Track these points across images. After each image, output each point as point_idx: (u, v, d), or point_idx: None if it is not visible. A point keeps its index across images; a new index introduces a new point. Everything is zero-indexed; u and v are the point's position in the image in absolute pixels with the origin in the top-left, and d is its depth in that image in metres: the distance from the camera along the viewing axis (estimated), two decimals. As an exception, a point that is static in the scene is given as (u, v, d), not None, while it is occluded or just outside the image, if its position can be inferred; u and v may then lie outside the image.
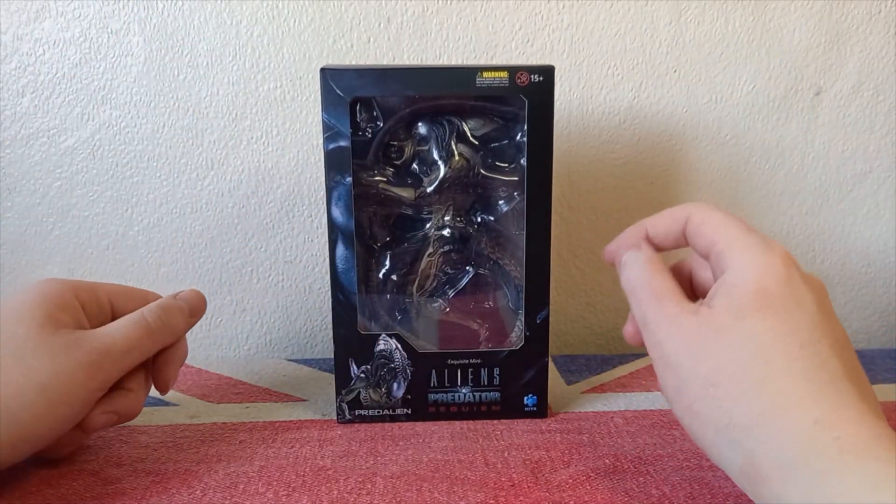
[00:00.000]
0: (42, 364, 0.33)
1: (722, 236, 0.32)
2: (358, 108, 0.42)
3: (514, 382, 0.44)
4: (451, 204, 0.44)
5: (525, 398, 0.44)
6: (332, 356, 0.44)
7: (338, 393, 0.44)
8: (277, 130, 0.56)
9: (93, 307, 0.38)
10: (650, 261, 0.35)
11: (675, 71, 0.57)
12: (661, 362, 0.32)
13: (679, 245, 0.36)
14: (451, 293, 0.46)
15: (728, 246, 0.32)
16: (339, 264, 0.42)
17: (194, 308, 0.41)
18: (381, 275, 0.45)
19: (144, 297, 0.41)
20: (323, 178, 0.46)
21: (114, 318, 0.38)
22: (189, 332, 0.59)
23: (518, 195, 0.44)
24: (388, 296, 0.45)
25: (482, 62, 0.56)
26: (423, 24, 0.55)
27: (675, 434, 0.42)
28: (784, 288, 0.30)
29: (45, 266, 0.58)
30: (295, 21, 0.54)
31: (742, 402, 0.29)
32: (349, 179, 0.41)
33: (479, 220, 0.45)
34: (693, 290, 0.37)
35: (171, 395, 0.41)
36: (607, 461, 0.39)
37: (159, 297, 0.41)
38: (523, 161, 0.42)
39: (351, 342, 0.43)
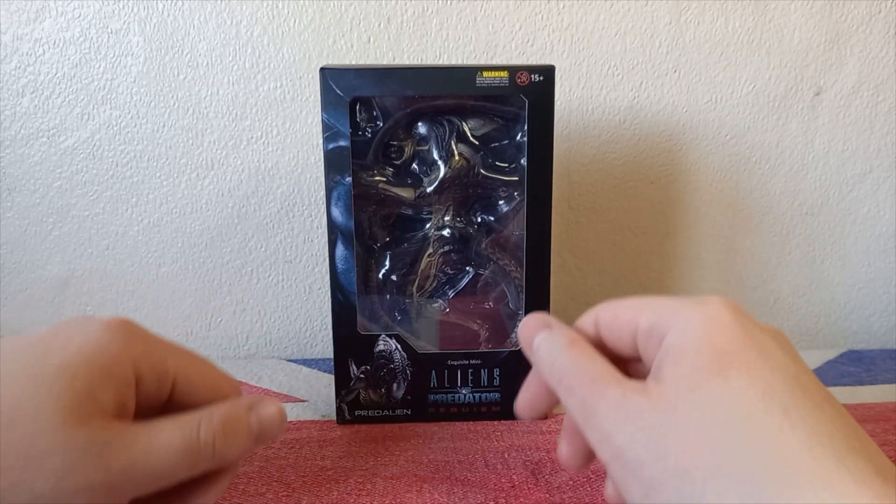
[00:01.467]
0: (48, 473, 0.25)
1: (643, 311, 0.27)
2: (358, 107, 0.42)
3: (515, 383, 0.44)
4: (451, 204, 0.44)
5: (525, 398, 0.44)
6: (332, 356, 0.44)
7: (337, 394, 0.44)
8: (277, 130, 0.56)
9: (150, 383, 0.29)
10: (573, 342, 0.29)
11: (675, 71, 0.57)
12: (617, 464, 0.24)
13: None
14: (451, 293, 0.46)
15: (656, 315, 0.27)
16: (339, 264, 0.42)
17: (266, 433, 0.31)
18: (380, 275, 0.45)
19: (216, 387, 0.31)
20: (323, 178, 0.46)
21: (169, 401, 0.30)
22: (188, 332, 0.60)
23: (518, 195, 0.44)
24: (388, 296, 0.45)
25: (482, 62, 0.56)
26: (423, 24, 0.55)
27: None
28: (740, 340, 0.24)
29: (45, 266, 0.58)
30: (295, 21, 0.54)
31: (731, 497, 0.21)
32: (349, 179, 0.41)
33: (479, 220, 0.45)
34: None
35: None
36: (607, 461, 0.39)
37: (236, 387, 0.32)
38: (523, 161, 0.42)
39: (351, 342, 0.43)
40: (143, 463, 0.27)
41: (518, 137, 0.43)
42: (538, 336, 0.30)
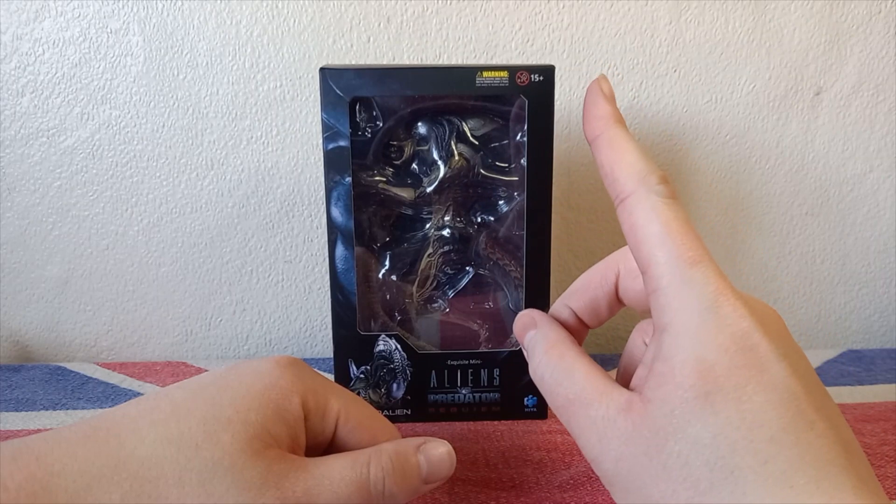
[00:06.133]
0: (227, 499, 0.25)
1: (658, 265, 0.24)
2: (358, 107, 0.42)
3: (515, 383, 0.44)
4: (451, 204, 0.44)
5: (525, 399, 0.44)
6: (332, 356, 0.44)
7: (338, 393, 0.44)
8: (277, 130, 0.56)
9: (316, 420, 0.29)
10: (552, 346, 0.28)
11: (675, 71, 0.57)
12: (606, 481, 0.25)
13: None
14: (451, 293, 0.46)
15: (662, 290, 0.24)
16: (339, 264, 0.42)
17: (435, 474, 0.30)
18: (380, 275, 0.45)
19: (375, 431, 0.31)
20: (323, 178, 0.46)
21: (333, 439, 0.30)
22: (188, 332, 0.60)
23: (518, 195, 0.44)
24: (388, 296, 0.45)
25: (482, 62, 0.56)
26: (423, 24, 0.55)
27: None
28: (737, 357, 0.22)
29: (45, 266, 0.58)
30: (295, 21, 0.54)
31: None
32: (349, 179, 0.41)
33: (479, 220, 0.45)
34: (618, 295, 0.31)
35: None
36: (607, 461, 0.39)
37: (393, 431, 0.32)
38: (523, 161, 0.42)
39: (350, 342, 0.43)
40: (318, 495, 0.27)
41: (518, 137, 0.43)
42: (526, 337, 0.30)
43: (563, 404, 0.26)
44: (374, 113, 0.42)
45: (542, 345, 0.28)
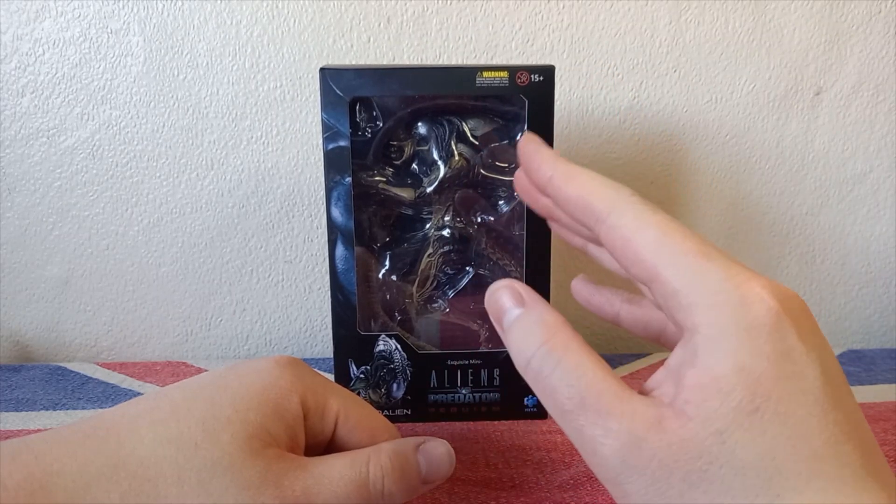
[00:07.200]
0: (227, 497, 0.25)
1: (667, 268, 0.22)
2: (357, 107, 0.42)
3: (515, 383, 0.44)
4: (450, 204, 0.44)
5: (525, 399, 0.44)
6: (332, 356, 0.44)
7: (338, 393, 0.44)
8: (277, 130, 0.56)
9: (316, 419, 0.29)
10: (553, 333, 0.23)
11: (675, 71, 0.57)
12: (625, 501, 0.22)
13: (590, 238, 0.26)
14: (451, 293, 0.46)
15: (683, 291, 0.22)
16: (339, 264, 0.42)
17: (434, 474, 0.30)
18: (380, 275, 0.45)
19: (374, 430, 0.30)
20: (323, 178, 0.46)
21: (333, 439, 0.30)
22: (188, 332, 0.60)
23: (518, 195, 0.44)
24: (388, 296, 0.45)
25: (482, 62, 0.56)
26: (423, 24, 0.55)
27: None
28: (778, 364, 0.21)
29: (45, 266, 0.58)
30: (295, 21, 0.54)
31: None
32: (349, 179, 0.41)
33: (479, 220, 0.45)
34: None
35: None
36: (607, 461, 0.39)
37: (393, 431, 0.31)
38: (523, 161, 0.42)
39: (350, 343, 0.43)
40: (317, 494, 0.26)
41: (518, 137, 0.43)
42: (507, 316, 0.25)
43: (572, 409, 0.22)
44: (374, 113, 0.42)
45: (539, 330, 0.23)
